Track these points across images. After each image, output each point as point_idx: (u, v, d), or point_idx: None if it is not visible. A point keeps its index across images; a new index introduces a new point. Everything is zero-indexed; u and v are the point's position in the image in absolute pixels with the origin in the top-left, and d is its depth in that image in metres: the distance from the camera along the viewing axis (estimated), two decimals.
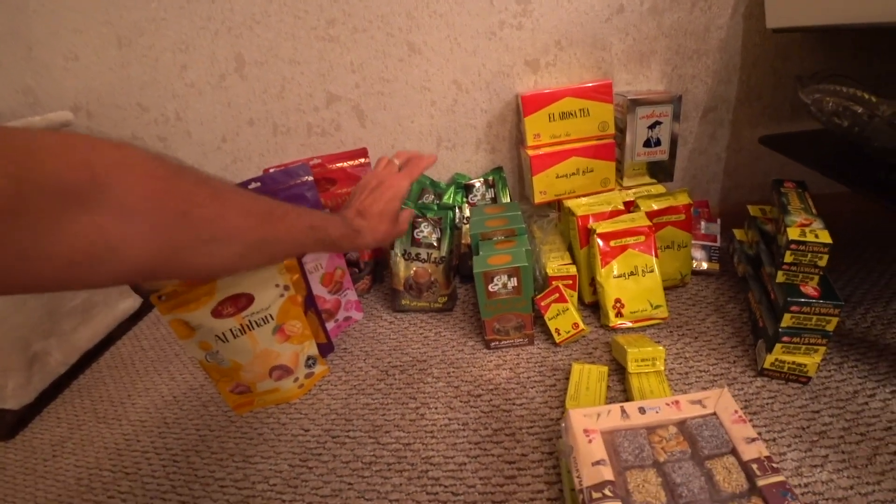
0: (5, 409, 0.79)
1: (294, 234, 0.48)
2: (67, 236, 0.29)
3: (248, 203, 0.43)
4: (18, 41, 0.87)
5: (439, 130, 0.89)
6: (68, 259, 0.30)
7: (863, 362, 0.61)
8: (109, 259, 0.32)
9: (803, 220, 0.58)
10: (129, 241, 0.33)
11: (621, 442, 0.44)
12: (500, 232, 0.71)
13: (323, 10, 0.79)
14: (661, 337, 0.70)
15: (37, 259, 0.29)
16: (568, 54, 0.80)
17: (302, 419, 0.67)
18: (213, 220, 0.38)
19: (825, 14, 0.60)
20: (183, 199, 0.36)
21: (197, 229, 0.37)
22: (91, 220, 0.30)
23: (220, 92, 0.88)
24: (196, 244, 0.38)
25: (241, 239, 0.41)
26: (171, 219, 0.35)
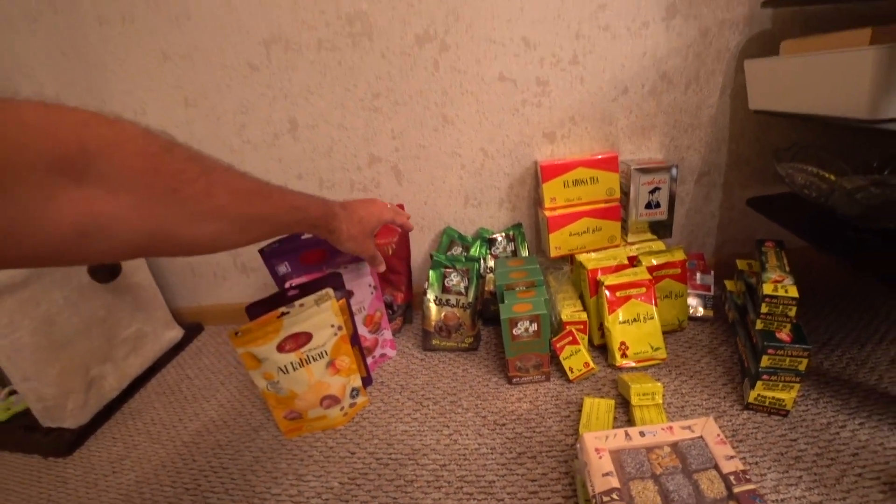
0: (64, 428, 0.86)
1: (278, 213, 0.50)
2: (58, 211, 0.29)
3: (235, 181, 0.43)
4: (93, 96, 0.98)
5: (467, 190, 1.00)
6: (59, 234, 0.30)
7: (836, 398, 0.70)
8: (100, 235, 0.32)
9: (777, 276, 0.69)
10: (120, 217, 0.33)
11: (625, 458, 0.54)
12: (522, 283, 0.81)
13: (370, 86, 0.92)
14: (660, 375, 0.79)
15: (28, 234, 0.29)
16: (580, 128, 0.93)
17: (347, 443, 0.75)
18: (202, 197, 0.39)
19: (794, 105, 0.72)
20: (173, 175, 0.36)
21: (186, 206, 0.37)
22: (82, 195, 0.30)
23: (274, 149, 0.99)
24: (185, 220, 0.38)
25: (228, 216, 0.42)
26: (161, 195, 0.35)
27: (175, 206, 0.37)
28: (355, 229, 0.67)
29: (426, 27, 0.86)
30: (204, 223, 0.40)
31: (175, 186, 0.36)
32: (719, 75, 0.88)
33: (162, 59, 0.95)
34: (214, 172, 0.41)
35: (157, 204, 0.35)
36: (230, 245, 0.45)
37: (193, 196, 0.38)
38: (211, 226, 0.41)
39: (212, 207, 0.40)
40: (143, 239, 0.36)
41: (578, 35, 0.85)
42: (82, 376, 0.89)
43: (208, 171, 0.40)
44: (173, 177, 0.36)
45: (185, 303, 1.22)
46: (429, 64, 0.89)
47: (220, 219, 0.41)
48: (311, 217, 0.57)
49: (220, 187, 0.41)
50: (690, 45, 0.86)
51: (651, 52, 0.86)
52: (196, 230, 0.39)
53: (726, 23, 0.84)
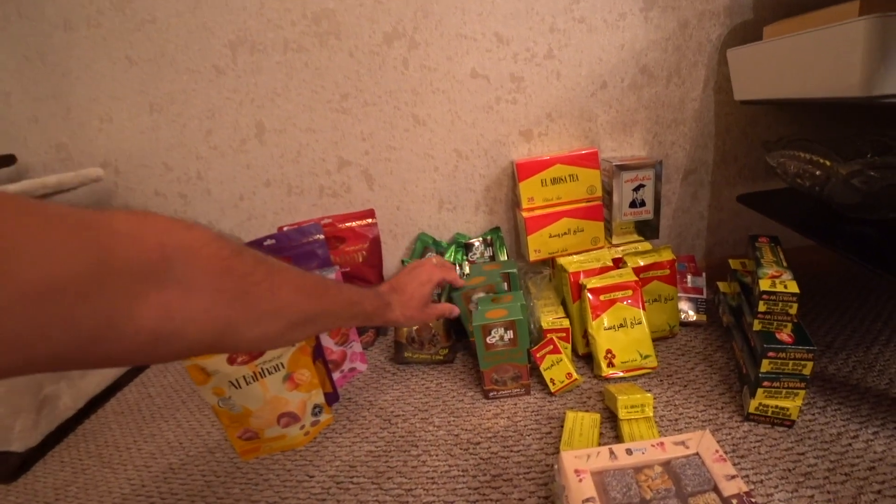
0: (9, 452, 0.79)
1: (335, 309, 0.51)
2: (139, 318, 0.30)
3: (298, 280, 0.45)
4: (59, 103, 0.95)
5: (441, 194, 0.96)
6: (137, 339, 0.30)
7: (845, 405, 0.64)
8: (174, 338, 0.33)
9: (774, 272, 0.63)
10: (193, 319, 0.34)
11: (610, 481, 0.47)
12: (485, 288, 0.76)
13: (338, 86, 0.88)
14: (651, 385, 0.73)
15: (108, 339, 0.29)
16: (558, 125, 0.89)
17: (307, 466, 0.68)
18: (268, 298, 0.40)
19: (782, 90, 0.69)
20: (243, 277, 0.37)
21: (253, 306, 0.39)
22: (160, 299, 0.31)
23: (241, 155, 0.95)
24: (251, 320, 0.39)
25: (290, 315, 0.43)
26: (231, 296, 0.36)
27: (243, 306, 0.38)
28: (410, 310, 0.65)
29: (395, 24, 0.83)
30: (268, 322, 0.41)
31: (245, 288, 0.38)
32: (702, 68, 0.85)
33: (127, 64, 0.92)
34: (279, 273, 0.42)
35: (228, 305, 0.36)
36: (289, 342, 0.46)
37: (260, 296, 0.39)
38: (275, 325, 0.42)
39: (276, 307, 0.41)
40: (210, 339, 0.36)
41: (553, 28, 0.82)
42: (33, 395, 0.84)
43: (273, 273, 0.41)
44: (243, 279, 0.37)
45: None
46: (398, 62, 0.86)
47: (284, 318, 0.42)
48: (366, 311, 0.57)
49: (284, 287, 0.42)
50: (670, 38, 0.82)
51: (629, 45, 0.83)
52: (261, 329, 0.40)
53: (706, 14, 0.81)
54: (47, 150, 0.99)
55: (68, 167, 0.99)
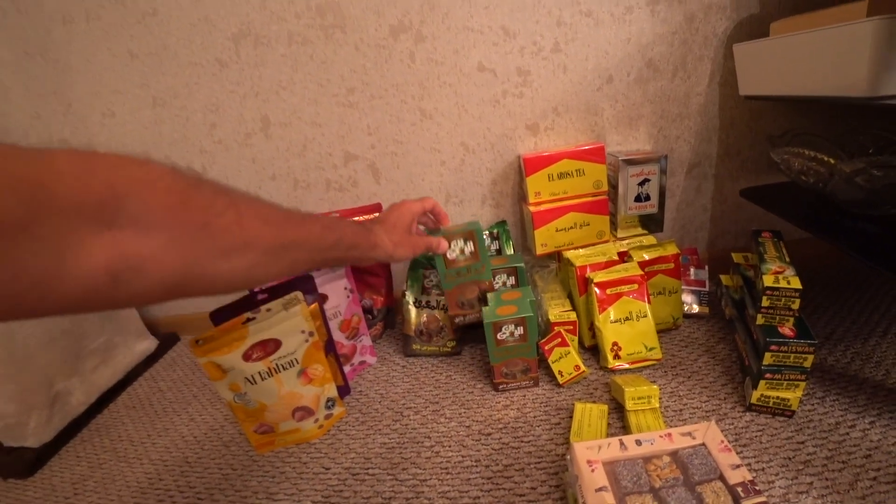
0: (25, 448, 0.81)
1: (310, 237, 0.48)
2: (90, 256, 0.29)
3: (265, 210, 0.43)
4: (60, 98, 0.94)
5: (448, 187, 0.96)
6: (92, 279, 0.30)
7: (843, 395, 0.66)
8: (133, 277, 0.32)
9: (777, 267, 0.65)
10: (152, 256, 0.32)
11: (620, 471, 0.49)
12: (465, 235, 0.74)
13: (344, 80, 0.88)
14: (656, 377, 0.75)
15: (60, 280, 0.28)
16: (564, 119, 0.89)
17: (322, 458, 0.70)
18: (233, 229, 0.38)
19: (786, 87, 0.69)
20: (202, 209, 0.36)
21: (217, 239, 0.37)
22: (113, 238, 0.30)
23: (246, 149, 0.95)
24: (217, 254, 0.37)
25: (260, 246, 0.41)
26: (192, 230, 0.35)
27: (207, 240, 0.36)
28: (396, 234, 0.63)
29: (401, 17, 0.83)
30: (237, 255, 0.39)
31: (205, 220, 0.36)
32: (707, 62, 0.85)
33: (129, 57, 0.91)
34: (243, 203, 0.40)
35: (189, 240, 0.35)
36: (265, 277, 0.44)
37: (224, 228, 0.37)
38: (244, 258, 0.39)
39: (244, 238, 0.39)
40: (175, 278, 0.35)
41: (560, 22, 0.82)
42: (46, 391, 0.85)
43: (237, 203, 0.39)
44: (203, 211, 0.36)
45: (160, 312, 1.16)
46: (405, 56, 0.85)
47: (252, 249, 0.40)
48: (347, 236, 0.54)
49: (250, 217, 0.40)
50: (676, 32, 0.82)
51: (636, 39, 0.83)
52: (229, 263, 0.38)
53: (713, 7, 0.81)
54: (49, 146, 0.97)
55: None
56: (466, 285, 0.73)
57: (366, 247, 0.58)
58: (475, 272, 0.72)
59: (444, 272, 0.72)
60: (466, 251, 0.70)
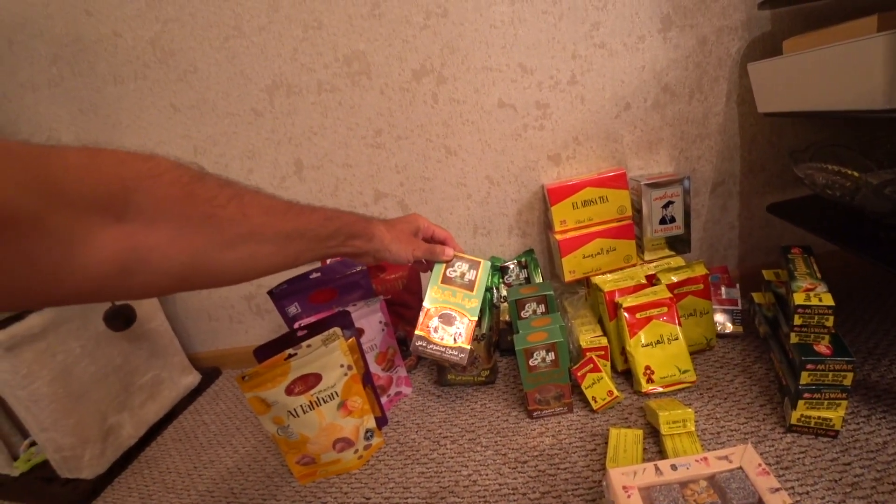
0: (80, 479, 0.86)
1: (312, 226, 0.48)
2: (100, 248, 0.30)
3: (267, 201, 0.44)
4: None
5: (475, 219, 0.99)
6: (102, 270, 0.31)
7: (890, 413, 0.64)
8: (141, 268, 0.33)
9: (808, 284, 0.64)
10: (159, 248, 0.34)
11: (657, 496, 0.49)
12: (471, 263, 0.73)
13: (371, 123, 0.93)
14: (691, 399, 0.74)
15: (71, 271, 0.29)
16: (585, 148, 0.91)
17: (363, 488, 0.72)
18: (237, 220, 0.39)
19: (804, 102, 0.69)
20: (207, 201, 0.37)
21: (222, 230, 0.38)
22: (122, 231, 0.31)
23: (281, 191, 1.00)
24: (222, 245, 0.38)
25: (263, 236, 0.42)
26: (197, 222, 0.36)
27: (211, 231, 0.37)
28: (396, 232, 0.62)
29: (422, 62, 0.87)
30: (241, 245, 0.40)
31: (210, 212, 0.37)
32: (723, 82, 0.86)
33: (172, 111, 0.98)
34: (246, 195, 0.41)
35: (194, 231, 0.36)
36: (269, 267, 0.45)
37: (228, 219, 0.39)
38: (248, 248, 0.41)
39: (247, 229, 0.40)
40: (182, 269, 0.36)
41: (575, 55, 0.85)
42: (99, 425, 0.90)
43: (240, 195, 0.41)
44: (207, 202, 0.37)
45: (203, 347, 1.22)
46: (428, 97, 0.90)
47: (256, 239, 0.41)
48: (347, 225, 0.54)
49: (253, 208, 0.41)
50: (690, 55, 0.84)
51: (650, 66, 0.85)
52: (234, 254, 0.40)
53: (724, 29, 0.82)
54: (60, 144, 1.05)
55: None
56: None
57: (365, 237, 0.56)
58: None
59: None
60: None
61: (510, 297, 0.80)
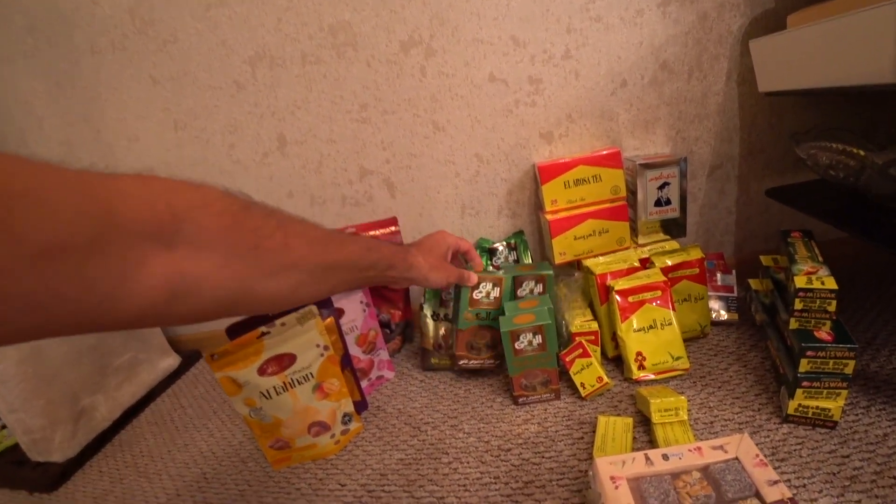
0: (50, 462, 0.82)
1: (353, 257, 0.50)
2: (150, 276, 0.30)
3: (310, 231, 0.45)
4: (89, 125, 0.98)
5: (463, 199, 0.95)
6: (151, 297, 0.31)
7: (891, 404, 0.61)
8: (188, 296, 0.33)
9: (809, 268, 0.61)
10: (206, 275, 0.34)
11: (647, 488, 0.46)
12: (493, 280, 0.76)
13: (356, 97, 0.89)
14: (684, 387, 0.71)
15: (122, 298, 0.29)
16: (578, 126, 0.88)
17: (338, 474, 0.69)
18: (281, 250, 0.40)
19: (807, 79, 0.66)
20: (253, 231, 0.38)
21: (266, 260, 0.39)
22: (171, 258, 0.32)
23: (264, 168, 0.97)
24: (266, 273, 0.39)
25: (306, 266, 0.43)
26: (244, 251, 0.37)
27: (256, 261, 0.38)
28: (432, 258, 0.66)
29: (411, 33, 0.84)
30: (284, 275, 0.41)
31: (256, 243, 0.38)
32: (724, 60, 0.83)
33: (151, 83, 0.94)
34: (290, 225, 0.42)
35: (240, 261, 0.37)
36: (310, 296, 0.46)
37: (273, 249, 0.39)
38: (291, 278, 0.42)
39: (290, 259, 0.41)
40: (227, 296, 0.37)
41: (569, 29, 0.81)
42: (71, 407, 0.86)
43: (284, 225, 0.41)
44: (253, 233, 0.38)
45: (183, 329, 1.18)
46: (416, 70, 0.86)
47: (298, 270, 0.42)
48: (386, 256, 0.56)
49: (297, 238, 0.42)
50: (689, 31, 0.81)
51: (648, 41, 0.81)
52: (277, 283, 0.40)
53: (726, 5, 0.79)
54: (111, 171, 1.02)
55: None
56: (479, 330, 0.72)
57: (402, 267, 0.59)
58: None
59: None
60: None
61: (507, 274, 0.77)
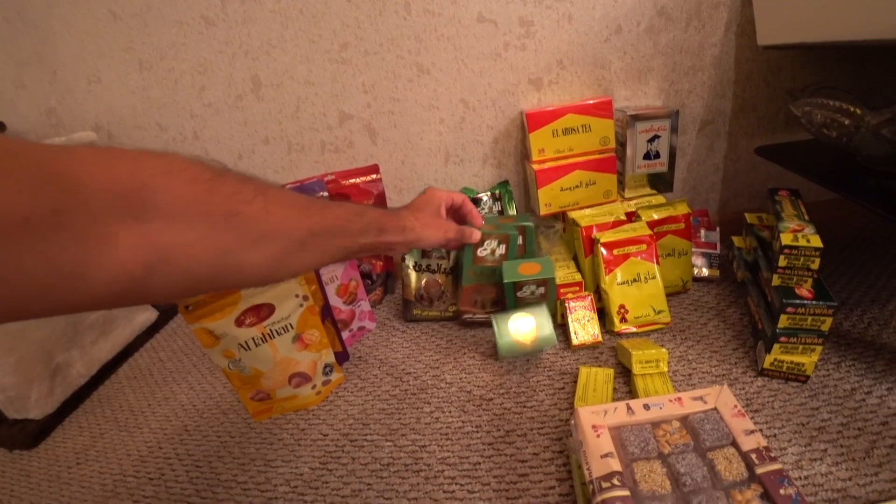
0: (28, 419, 0.81)
1: (340, 222, 0.47)
2: (122, 248, 0.29)
3: (290, 197, 0.42)
4: (43, 66, 0.91)
5: (447, 147, 0.92)
6: (125, 271, 0.29)
7: (860, 361, 0.63)
8: (165, 268, 0.32)
9: (796, 226, 0.61)
10: (181, 248, 0.32)
11: (627, 436, 0.47)
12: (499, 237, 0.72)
13: (336, 35, 0.83)
14: (664, 341, 0.72)
15: (94, 273, 0.28)
16: (569, 73, 0.84)
17: (320, 424, 0.69)
18: (260, 217, 0.38)
19: (810, 32, 0.64)
20: (229, 199, 0.36)
21: (245, 227, 0.37)
22: (143, 230, 0.30)
23: (237, 112, 0.91)
24: (246, 244, 0.37)
25: (289, 233, 0.41)
26: (220, 220, 0.35)
27: (235, 229, 0.36)
28: (423, 216, 0.61)
29: None
30: (266, 244, 0.38)
31: (233, 209, 0.36)
32: (724, 9, 0.79)
33: (111, 18, 0.86)
34: (269, 191, 0.40)
35: (218, 229, 0.35)
36: (297, 267, 0.43)
37: (252, 216, 0.37)
38: (275, 246, 0.39)
39: (272, 225, 0.39)
40: (206, 269, 0.35)
41: None
42: (45, 364, 0.84)
43: (263, 191, 0.39)
44: (229, 199, 0.36)
45: None
46: (399, 7, 0.80)
47: (281, 237, 0.40)
48: (376, 219, 0.52)
49: (277, 204, 0.40)
50: None
51: None
52: (259, 253, 0.38)
53: None
54: (37, 116, 0.95)
55: (60, 132, 0.95)
56: (485, 286, 0.70)
57: (395, 229, 0.55)
58: (499, 276, 0.69)
59: (469, 266, 0.69)
60: (497, 253, 0.67)
61: (486, 223, 0.75)
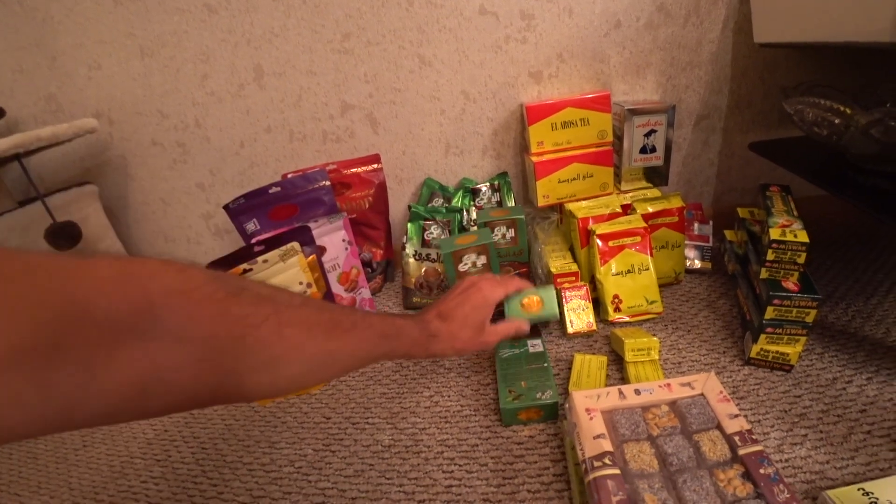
0: None
1: (363, 346, 0.45)
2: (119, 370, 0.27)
3: (312, 316, 0.40)
4: (43, 51, 0.90)
5: (448, 137, 0.93)
6: (120, 393, 0.28)
7: (842, 352, 0.66)
8: (162, 390, 0.30)
9: (784, 221, 0.63)
10: (181, 369, 0.31)
11: (619, 419, 0.49)
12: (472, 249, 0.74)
13: (339, 25, 0.84)
14: (656, 330, 0.75)
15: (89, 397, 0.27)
16: (569, 66, 0.85)
17: (323, 408, 0.71)
18: (271, 341, 0.36)
19: (805, 32, 0.65)
20: (239, 320, 0.34)
21: (253, 353, 0.35)
22: (144, 350, 0.28)
23: (239, 100, 0.92)
24: (252, 368, 0.35)
25: (302, 357, 0.39)
26: (225, 343, 0.33)
27: (240, 353, 0.34)
28: (461, 342, 0.57)
29: None
30: (276, 368, 0.37)
31: (241, 333, 0.34)
32: (722, 6, 0.81)
33: (112, 4, 0.86)
34: (287, 310, 0.37)
35: (223, 352, 0.33)
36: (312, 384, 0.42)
37: (261, 340, 0.35)
38: (285, 369, 0.37)
39: (282, 350, 0.37)
40: (208, 390, 0.33)
41: None
42: None
43: (279, 311, 0.37)
44: (240, 322, 0.34)
45: None
46: None
47: (294, 361, 0.38)
48: (403, 347, 0.51)
49: (293, 326, 0.38)
50: None
51: None
52: (267, 377, 0.36)
53: None
54: (36, 102, 0.94)
55: (60, 119, 0.95)
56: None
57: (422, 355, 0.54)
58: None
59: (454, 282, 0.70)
60: (479, 264, 0.68)
61: (479, 220, 0.77)
